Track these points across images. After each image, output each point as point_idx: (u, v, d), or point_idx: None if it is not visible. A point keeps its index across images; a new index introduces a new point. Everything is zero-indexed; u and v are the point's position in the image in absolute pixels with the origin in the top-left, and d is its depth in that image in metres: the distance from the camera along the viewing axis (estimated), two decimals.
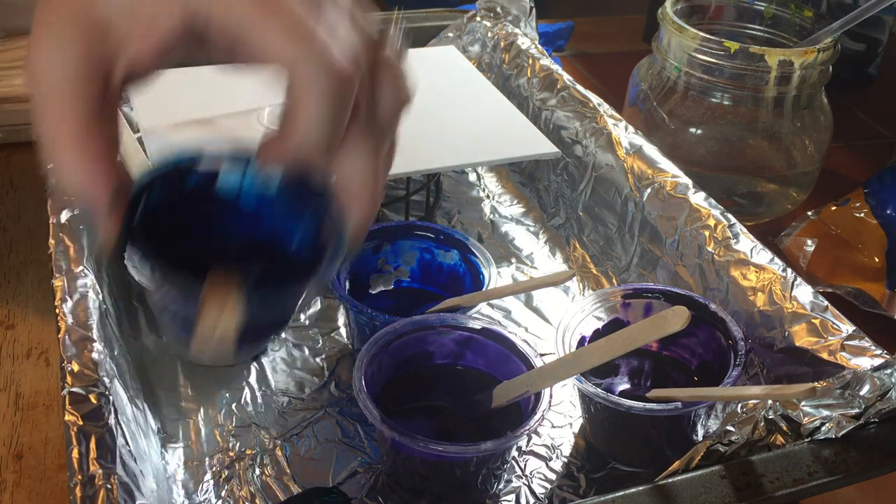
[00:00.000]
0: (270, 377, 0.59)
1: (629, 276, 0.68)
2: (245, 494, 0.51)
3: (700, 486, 0.43)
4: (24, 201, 0.78)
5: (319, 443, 0.55)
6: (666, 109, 0.79)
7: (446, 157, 0.69)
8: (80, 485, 0.40)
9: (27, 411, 0.58)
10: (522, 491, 0.52)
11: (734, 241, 0.60)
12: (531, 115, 0.79)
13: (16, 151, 0.84)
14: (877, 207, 0.76)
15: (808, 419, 0.47)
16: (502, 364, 0.53)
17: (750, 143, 0.78)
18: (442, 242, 0.63)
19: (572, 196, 0.74)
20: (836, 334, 0.52)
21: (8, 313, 0.66)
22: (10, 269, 0.70)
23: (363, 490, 0.52)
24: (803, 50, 0.72)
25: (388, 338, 0.52)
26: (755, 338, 0.56)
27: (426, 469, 0.50)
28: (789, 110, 0.76)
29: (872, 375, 0.46)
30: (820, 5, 0.98)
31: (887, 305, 0.70)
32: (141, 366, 0.59)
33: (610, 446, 0.55)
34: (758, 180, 0.80)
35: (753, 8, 0.82)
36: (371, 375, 0.51)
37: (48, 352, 0.63)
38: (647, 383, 0.57)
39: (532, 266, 0.72)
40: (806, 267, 0.73)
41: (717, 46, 0.73)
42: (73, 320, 0.49)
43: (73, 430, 0.43)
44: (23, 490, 0.53)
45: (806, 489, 0.44)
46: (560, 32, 1.08)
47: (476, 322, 0.54)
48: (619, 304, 0.57)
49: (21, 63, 0.91)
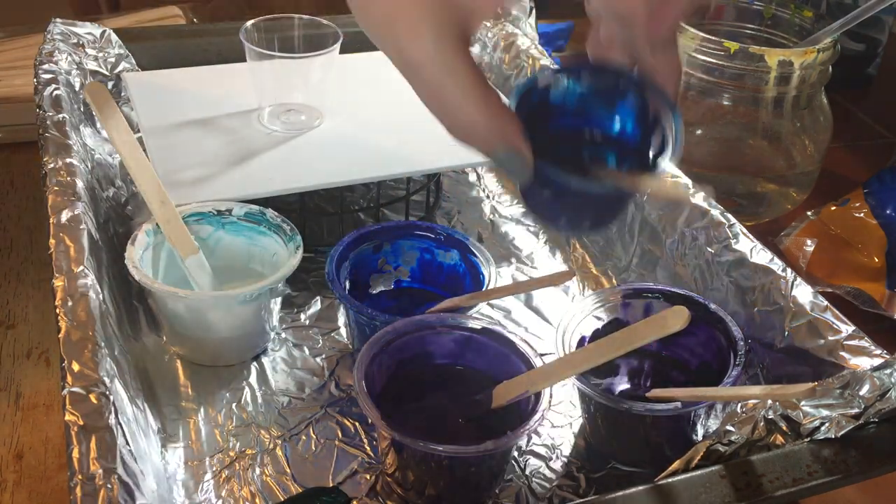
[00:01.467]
0: (270, 377, 0.59)
1: (629, 276, 0.68)
2: (245, 494, 0.51)
3: (700, 486, 0.43)
4: (24, 201, 0.78)
5: (319, 443, 0.55)
6: None
7: (446, 157, 0.69)
8: (80, 484, 0.40)
9: (27, 411, 0.58)
10: (522, 491, 0.52)
11: (734, 241, 0.60)
12: None
13: (16, 151, 0.84)
14: (876, 207, 0.76)
15: (807, 419, 0.47)
16: (502, 364, 0.53)
17: (750, 143, 0.78)
18: (442, 242, 0.63)
19: None
20: (836, 334, 0.52)
21: (8, 313, 0.66)
22: (10, 269, 0.70)
23: (363, 490, 0.52)
24: (803, 50, 0.72)
25: (388, 338, 0.52)
26: (755, 338, 0.56)
27: (426, 469, 0.50)
28: (789, 110, 0.76)
29: (872, 375, 0.46)
30: (820, 5, 0.98)
31: (887, 305, 0.70)
32: (141, 366, 0.59)
33: (610, 446, 0.55)
34: (758, 180, 0.80)
35: (753, 8, 0.82)
36: (371, 375, 0.51)
37: (48, 352, 0.63)
38: (647, 383, 0.57)
39: (532, 266, 0.72)
40: (806, 267, 0.73)
41: (717, 46, 0.73)
42: (74, 320, 0.49)
43: (73, 429, 0.43)
44: (23, 490, 0.53)
45: (806, 489, 0.44)
46: (560, 32, 1.08)
47: (476, 322, 0.54)
48: (619, 304, 0.57)
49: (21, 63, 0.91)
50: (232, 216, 0.62)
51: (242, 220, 0.63)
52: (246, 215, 0.62)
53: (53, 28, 0.80)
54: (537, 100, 0.44)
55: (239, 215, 0.62)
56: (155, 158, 0.65)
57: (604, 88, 0.45)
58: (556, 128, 0.45)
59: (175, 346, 0.61)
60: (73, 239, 0.55)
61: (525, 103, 0.43)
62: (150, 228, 0.60)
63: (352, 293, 0.60)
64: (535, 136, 0.41)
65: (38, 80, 0.72)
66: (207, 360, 0.60)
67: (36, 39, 0.93)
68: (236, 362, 0.60)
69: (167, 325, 0.60)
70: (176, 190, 0.62)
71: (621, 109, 0.46)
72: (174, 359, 0.60)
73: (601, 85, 0.45)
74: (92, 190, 0.64)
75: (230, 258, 0.63)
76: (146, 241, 0.59)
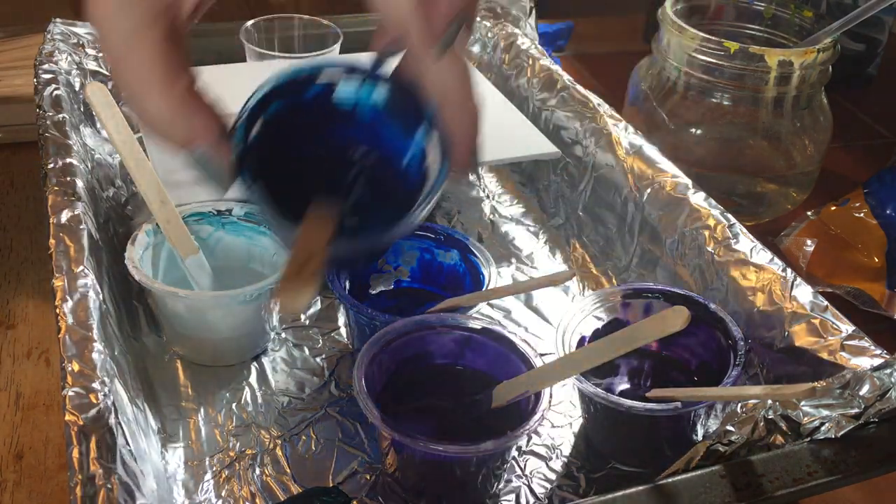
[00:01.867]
0: (270, 377, 0.59)
1: (629, 276, 0.68)
2: (245, 494, 0.51)
3: (700, 486, 0.43)
4: (24, 201, 0.78)
5: (319, 443, 0.55)
6: (666, 109, 0.79)
7: None
8: (80, 484, 0.40)
9: (27, 411, 0.58)
10: (522, 491, 0.52)
11: (734, 241, 0.60)
12: (531, 115, 0.79)
13: (16, 151, 0.84)
14: (876, 207, 0.76)
15: (807, 419, 0.47)
16: (502, 364, 0.53)
17: (750, 143, 0.78)
18: (442, 242, 0.63)
19: (572, 196, 0.74)
20: (836, 334, 0.52)
21: (8, 313, 0.66)
22: (10, 269, 0.70)
23: (363, 490, 0.52)
24: (803, 50, 0.72)
25: (388, 338, 0.52)
26: (755, 338, 0.56)
27: (426, 469, 0.50)
28: (789, 110, 0.76)
29: (872, 375, 0.46)
30: (820, 5, 0.98)
31: (887, 305, 0.70)
32: (141, 366, 0.59)
33: (610, 446, 0.55)
34: (758, 180, 0.80)
35: (753, 8, 0.82)
36: (371, 375, 0.51)
37: (48, 352, 0.63)
38: (647, 383, 0.57)
39: (532, 266, 0.72)
40: (806, 267, 0.73)
41: (717, 46, 0.73)
42: (74, 320, 0.49)
43: (73, 429, 0.43)
44: (23, 490, 0.53)
45: (806, 489, 0.44)
46: (560, 32, 1.08)
47: (476, 322, 0.54)
48: (619, 304, 0.57)
49: (21, 63, 0.91)
50: (232, 216, 0.62)
51: (242, 220, 0.63)
52: (246, 215, 0.62)
53: (53, 28, 0.80)
54: (312, 96, 0.39)
55: (239, 215, 0.62)
56: (155, 158, 0.65)
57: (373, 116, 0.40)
58: (300, 145, 0.40)
59: (175, 346, 0.61)
60: (73, 239, 0.55)
61: (272, 106, 0.38)
62: (150, 228, 0.60)
63: (352, 293, 0.60)
64: (275, 146, 0.37)
65: (38, 80, 0.72)
66: (207, 360, 0.60)
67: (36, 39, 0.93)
68: (236, 362, 0.60)
69: (167, 325, 0.60)
70: (176, 190, 0.62)
71: (387, 144, 0.41)
72: (174, 359, 0.60)
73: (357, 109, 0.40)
74: (92, 190, 0.64)
75: (230, 258, 0.63)
76: (146, 241, 0.59)
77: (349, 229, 0.39)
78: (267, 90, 0.38)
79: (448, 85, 0.38)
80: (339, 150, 0.41)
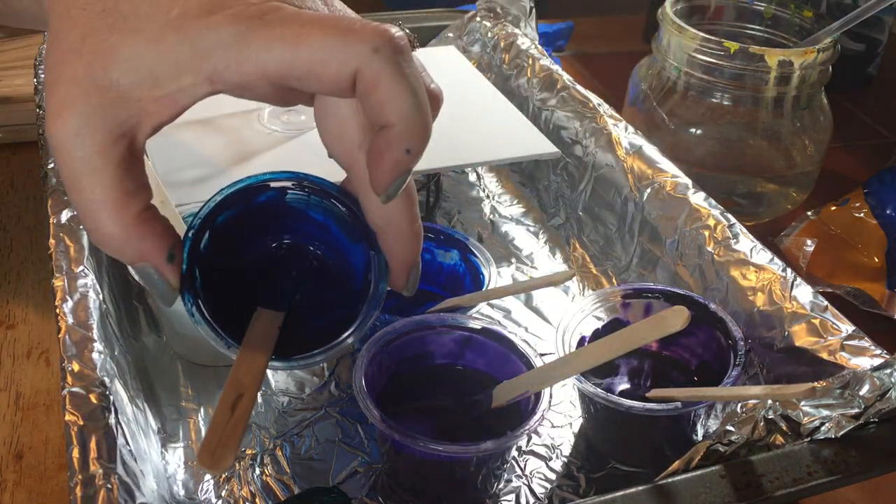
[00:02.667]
0: (270, 377, 0.59)
1: (629, 276, 0.68)
2: (245, 494, 0.51)
3: (700, 486, 0.43)
4: (24, 201, 0.78)
5: (319, 443, 0.55)
6: (666, 109, 0.79)
7: (446, 157, 0.69)
8: (80, 484, 0.40)
9: (27, 411, 0.58)
10: (522, 491, 0.52)
11: (734, 241, 0.60)
12: (531, 115, 0.79)
13: (16, 151, 0.84)
14: (876, 207, 0.76)
15: (807, 419, 0.47)
16: (502, 364, 0.53)
17: (750, 143, 0.78)
18: (442, 242, 0.63)
19: (572, 196, 0.74)
20: (836, 334, 0.52)
21: (8, 313, 0.66)
22: (10, 269, 0.70)
23: (363, 490, 0.52)
24: (803, 50, 0.72)
25: (388, 338, 0.52)
26: (755, 338, 0.56)
27: (426, 469, 0.50)
28: (789, 110, 0.76)
29: (872, 375, 0.46)
30: (820, 5, 0.98)
31: (887, 305, 0.70)
32: (141, 366, 0.59)
33: (610, 446, 0.55)
34: (758, 180, 0.80)
35: (753, 8, 0.82)
36: (371, 375, 0.51)
37: (48, 352, 0.63)
38: (647, 383, 0.57)
39: (532, 266, 0.72)
40: (806, 267, 0.73)
41: (717, 46, 0.73)
42: (74, 320, 0.49)
43: (73, 429, 0.43)
44: (23, 490, 0.53)
45: (806, 489, 0.44)
46: (560, 32, 1.08)
47: (476, 322, 0.54)
48: (619, 304, 0.57)
49: (21, 63, 0.91)
50: None
51: None
52: None
53: None
54: (264, 200, 0.41)
55: None
56: (155, 158, 0.65)
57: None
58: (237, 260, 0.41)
59: (175, 346, 0.61)
60: (73, 239, 0.55)
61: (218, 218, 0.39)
62: None
63: None
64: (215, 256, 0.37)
65: (38, 80, 0.72)
66: (207, 360, 0.60)
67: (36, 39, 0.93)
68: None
69: (167, 325, 0.60)
70: (176, 190, 0.62)
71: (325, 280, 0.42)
72: (174, 359, 0.60)
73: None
74: None
75: None
76: None
77: (291, 342, 0.41)
78: (218, 200, 0.39)
79: (392, 214, 0.39)
80: (287, 248, 0.43)
